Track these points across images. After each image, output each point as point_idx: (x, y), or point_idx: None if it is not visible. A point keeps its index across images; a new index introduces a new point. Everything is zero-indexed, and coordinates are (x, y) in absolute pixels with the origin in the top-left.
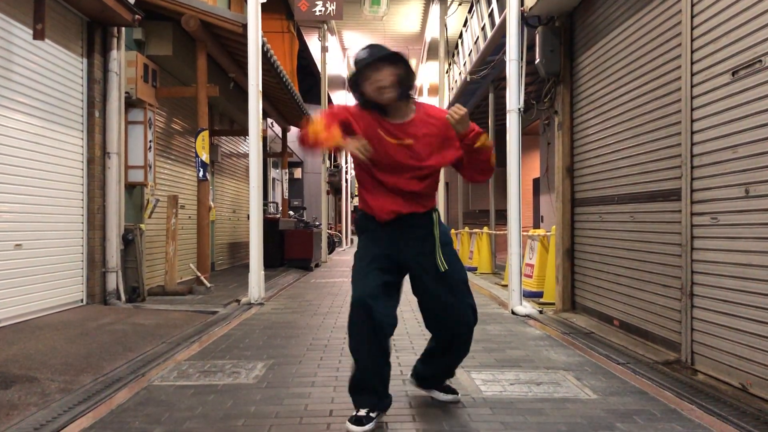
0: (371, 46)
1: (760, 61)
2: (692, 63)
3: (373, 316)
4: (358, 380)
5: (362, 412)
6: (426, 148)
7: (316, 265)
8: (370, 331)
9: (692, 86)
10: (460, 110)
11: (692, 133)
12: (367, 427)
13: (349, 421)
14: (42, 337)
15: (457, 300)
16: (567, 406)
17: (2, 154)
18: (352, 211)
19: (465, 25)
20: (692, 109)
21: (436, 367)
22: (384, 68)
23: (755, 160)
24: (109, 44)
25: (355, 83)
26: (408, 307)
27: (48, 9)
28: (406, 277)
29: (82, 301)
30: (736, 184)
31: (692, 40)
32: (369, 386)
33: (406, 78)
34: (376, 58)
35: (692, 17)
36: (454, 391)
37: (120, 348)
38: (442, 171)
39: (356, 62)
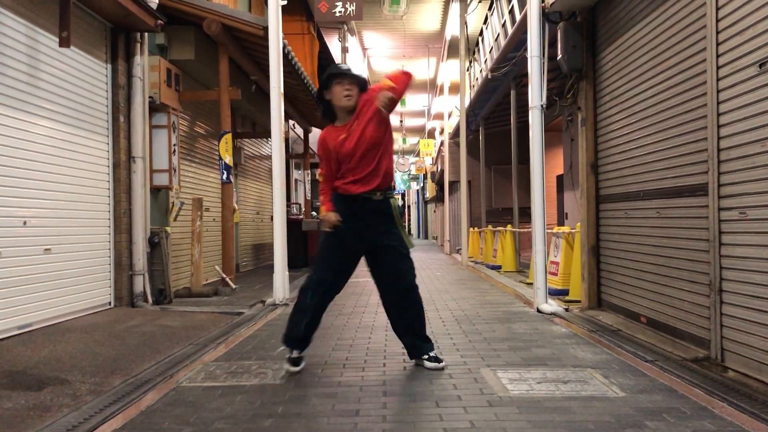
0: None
1: None
2: (718, 56)
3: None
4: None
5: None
6: (355, 139)
7: None
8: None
9: (718, 79)
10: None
11: (719, 126)
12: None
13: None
14: (72, 339)
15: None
16: (595, 405)
17: (30, 161)
18: None
19: (485, 22)
20: (718, 103)
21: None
22: (352, 84)
23: None
24: (133, 50)
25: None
26: (432, 306)
27: (73, 16)
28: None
29: (109, 303)
30: (765, 177)
31: (717, 33)
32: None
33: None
34: (342, 72)
35: (717, 9)
36: (438, 360)
37: (148, 350)
38: (463, 169)
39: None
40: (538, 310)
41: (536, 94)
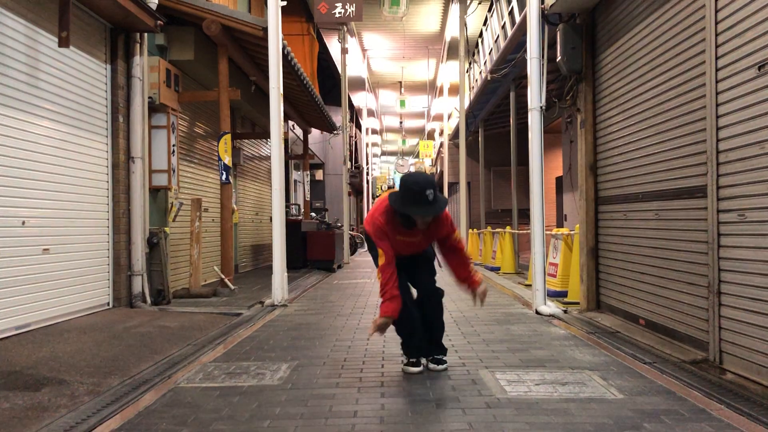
0: (432, 191)
1: None
2: (717, 58)
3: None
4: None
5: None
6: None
7: (339, 267)
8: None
9: (717, 81)
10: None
11: (718, 128)
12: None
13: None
14: (70, 339)
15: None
16: (593, 407)
17: (29, 161)
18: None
19: (485, 23)
20: (717, 105)
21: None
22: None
23: None
24: (132, 50)
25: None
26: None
27: (72, 17)
28: None
29: (108, 304)
30: (763, 180)
31: (717, 35)
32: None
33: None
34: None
35: (716, 11)
36: (443, 362)
37: (146, 350)
38: (463, 170)
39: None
40: (537, 312)
41: (535, 95)
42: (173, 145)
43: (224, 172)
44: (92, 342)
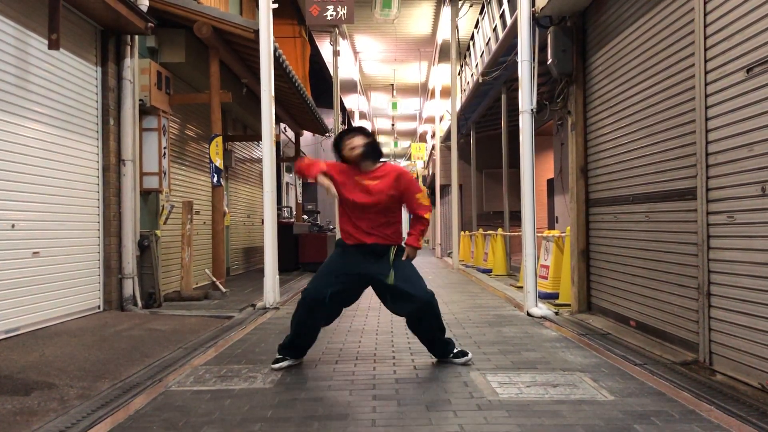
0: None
1: None
2: (706, 61)
3: (314, 304)
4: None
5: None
6: (377, 188)
7: None
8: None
9: (706, 84)
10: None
11: (707, 131)
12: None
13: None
14: (60, 343)
15: (395, 306)
16: (584, 408)
17: (19, 163)
18: None
19: (476, 26)
20: (707, 108)
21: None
22: (356, 136)
23: None
24: (123, 52)
25: (336, 147)
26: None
27: (62, 19)
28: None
29: (99, 307)
30: (752, 182)
31: (705, 38)
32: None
33: (370, 145)
34: (351, 129)
35: (705, 14)
36: (464, 354)
37: (137, 354)
38: (454, 173)
39: (339, 134)
40: (529, 314)
41: (526, 98)
42: (164, 148)
43: (215, 175)
44: (82, 345)
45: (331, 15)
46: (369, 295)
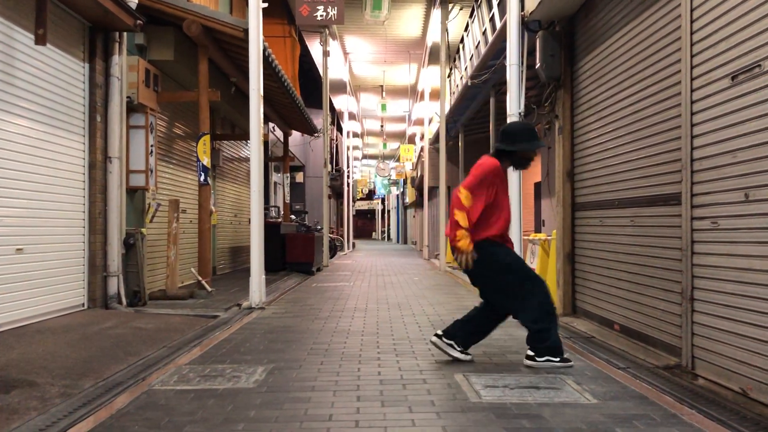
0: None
1: (759, 65)
2: (692, 67)
3: None
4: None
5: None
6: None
7: (318, 270)
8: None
9: (692, 91)
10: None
11: (692, 137)
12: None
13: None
14: (43, 341)
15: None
16: (566, 411)
17: (4, 159)
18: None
19: (466, 29)
20: (692, 114)
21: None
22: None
23: (755, 164)
24: (111, 49)
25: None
26: (409, 311)
27: (49, 14)
28: None
29: (83, 305)
30: (736, 188)
31: (692, 45)
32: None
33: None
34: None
35: (692, 22)
36: (468, 354)
37: (121, 352)
38: (443, 175)
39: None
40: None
41: (514, 102)
42: (151, 146)
43: (203, 173)
44: (65, 344)
45: (322, 15)
46: (355, 296)
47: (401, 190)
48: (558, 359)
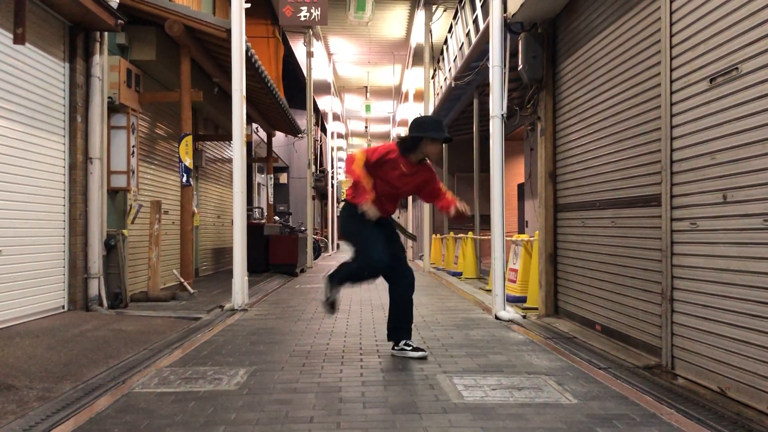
0: (441, 125)
1: (737, 68)
2: (671, 70)
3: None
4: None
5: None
6: (411, 182)
7: (302, 271)
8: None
9: (672, 93)
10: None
11: (672, 139)
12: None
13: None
14: (21, 344)
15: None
16: (548, 411)
17: None
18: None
19: (450, 30)
20: (672, 116)
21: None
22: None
23: (733, 166)
24: (92, 49)
25: (418, 140)
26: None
27: (29, 13)
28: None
29: (63, 307)
30: (714, 189)
31: (671, 48)
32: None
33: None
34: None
35: (671, 24)
36: (421, 350)
37: (101, 355)
38: None
39: (437, 133)
40: (497, 317)
41: (497, 103)
42: (133, 146)
43: (185, 174)
44: (45, 346)
45: (305, 16)
46: (339, 299)
47: None
48: (330, 287)
